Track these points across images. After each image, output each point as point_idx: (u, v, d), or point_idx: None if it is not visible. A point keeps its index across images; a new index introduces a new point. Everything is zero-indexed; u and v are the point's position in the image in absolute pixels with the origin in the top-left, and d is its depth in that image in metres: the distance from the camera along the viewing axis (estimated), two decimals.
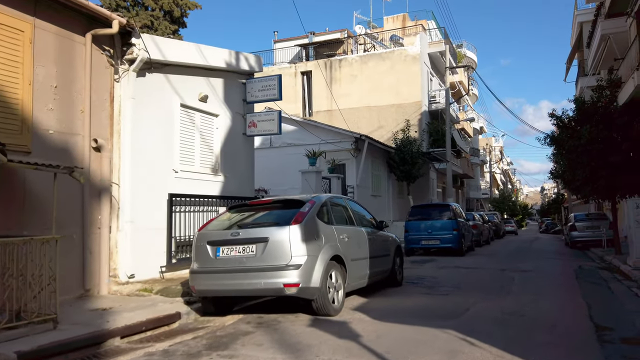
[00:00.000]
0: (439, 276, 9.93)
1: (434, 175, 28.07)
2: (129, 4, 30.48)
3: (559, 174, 16.98)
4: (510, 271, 10.82)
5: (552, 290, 8.25)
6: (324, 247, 5.88)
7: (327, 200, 6.63)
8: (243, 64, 10.70)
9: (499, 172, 67.69)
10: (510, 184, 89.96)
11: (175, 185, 8.75)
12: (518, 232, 46.70)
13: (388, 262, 8.04)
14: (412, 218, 15.52)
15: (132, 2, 30.01)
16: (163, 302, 6.48)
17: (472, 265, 12.04)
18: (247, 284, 5.56)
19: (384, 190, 20.31)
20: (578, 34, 26.98)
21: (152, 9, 30.25)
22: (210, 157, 10.00)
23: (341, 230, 6.45)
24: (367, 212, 8.08)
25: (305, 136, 17.85)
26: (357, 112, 28.16)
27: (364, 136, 17.24)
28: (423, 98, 27.40)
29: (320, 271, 5.66)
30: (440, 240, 14.77)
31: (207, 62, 9.54)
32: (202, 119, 9.77)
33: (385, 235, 8.13)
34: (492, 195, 52.81)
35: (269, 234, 5.63)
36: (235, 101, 10.79)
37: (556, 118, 15.49)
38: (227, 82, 10.50)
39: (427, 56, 28.76)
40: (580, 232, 19.50)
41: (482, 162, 51.50)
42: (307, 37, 32.40)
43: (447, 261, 13.13)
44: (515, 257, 14.72)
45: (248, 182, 11.11)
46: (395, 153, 20.06)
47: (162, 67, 8.64)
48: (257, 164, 18.84)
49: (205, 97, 9.65)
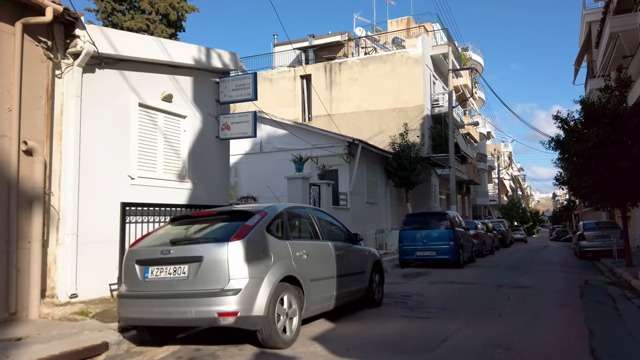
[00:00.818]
0: (427, 293, 8.98)
1: (436, 181, 27.06)
2: (125, 7, 29.94)
3: (564, 180, 15.92)
4: (508, 287, 9.83)
5: (550, 312, 7.27)
6: (273, 266, 4.99)
7: (284, 210, 5.74)
8: (215, 62, 9.88)
9: (508, 178, 66.31)
10: (521, 190, 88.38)
11: (130, 193, 7.92)
12: (528, 239, 45.37)
13: (363, 280, 7.12)
14: (406, 227, 14.56)
15: (128, 5, 29.47)
16: (94, 329, 5.61)
17: (468, 280, 11.06)
18: (175, 312, 4.68)
19: (381, 197, 19.37)
20: (587, 35, 25.92)
21: (148, 12, 29.70)
22: (176, 162, 9.17)
23: (299, 246, 5.55)
24: (338, 224, 7.18)
25: (297, 141, 17.01)
26: (357, 117, 27.32)
27: (357, 140, 16.35)
28: (425, 101, 26.47)
29: (265, 296, 4.76)
30: (437, 251, 13.80)
31: (171, 59, 8.73)
32: (166, 121, 8.95)
33: (360, 250, 7.22)
34: (500, 201, 51.52)
35: (203, 252, 4.75)
36: (207, 102, 9.97)
37: (561, 120, 14.49)
38: (197, 81, 9.68)
39: (429, 58, 27.84)
40: (590, 241, 18.37)
41: (490, 168, 50.31)
42: (307, 40, 31.67)
43: (441, 275, 12.16)
44: (517, 270, 13.70)
45: (222, 189, 10.25)
46: (393, 158, 19.13)
47: (116, 63, 7.85)
48: (247, 170, 18.08)
49: (169, 97, 8.83)
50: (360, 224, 17.06)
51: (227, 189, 10.50)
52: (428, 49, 27.84)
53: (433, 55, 28.16)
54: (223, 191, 10.27)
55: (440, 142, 26.91)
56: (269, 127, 17.88)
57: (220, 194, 10.14)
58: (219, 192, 10.08)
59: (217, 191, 10.01)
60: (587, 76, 27.31)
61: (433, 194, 25.66)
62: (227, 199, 10.44)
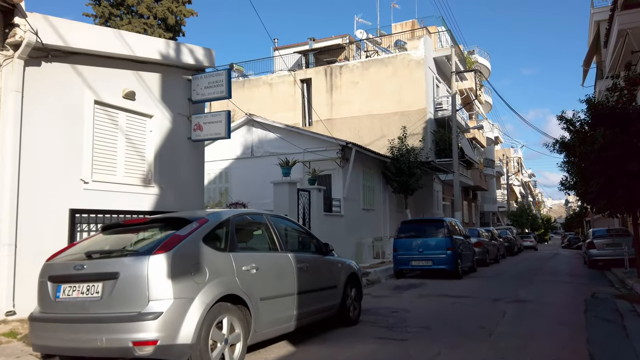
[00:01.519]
0: (414, 309, 8.15)
1: (439, 187, 26.15)
2: (122, 12, 29.53)
3: (570, 185, 15.00)
4: (505, 301, 8.96)
5: (547, 332, 6.41)
6: (208, 284, 4.22)
7: (232, 218, 4.98)
8: (186, 57, 9.19)
9: (518, 184, 65.01)
10: (531, 197, 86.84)
11: (83, 199, 7.22)
12: (538, 247, 44.15)
13: (335, 296, 6.33)
14: (402, 235, 13.72)
15: (126, 10, 29.07)
16: (11, 354, 4.88)
17: (463, 293, 10.19)
18: (85, 339, 3.92)
19: (379, 203, 18.54)
20: (595, 34, 24.97)
21: (146, 17, 29.27)
22: (141, 165, 8.47)
23: (246, 259, 4.78)
24: (305, 233, 6.39)
25: (289, 144, 16.28)
26: (358, 121, 26.60)
27: (350, 143, 15.57)
28: (428, 105, 25.65)
29: (195, 320, 3.99)
30: (433, 260, 12.94)
31: (132, 53, 8.05)
32: (129, 120, 8.26)
33: (330, 262, 6.43)
34: (509, 208, 50.31)
35: (119, 268, 4.00)
36: (179, 100, 9.27)
37: (566, 121, 13.61)
38: (166, 78, 8.99)
39: (432, 61, 27.05)
40: (600, 250, 17.38)
41: (498, 173, 49.19)
42: (307, 43, 31.05)
43: (435, 287, 11.30)
44: (519, 281, 12.79)
45: (195, 194, 9.52)
46: (391, 163, 18.31)
47: (68, 56, 7.18)
48: (238, 175, 17.35)
49: (131, 94, 8.14)
50: (355, 232, 16.26)
51: (201, 194, 9.77)
52: (430, 51, 27.05)
53: (436, 57, 27.37)
54: (196, 197, 9.54)
55: (444, 147, 26.05)
56: (260, 130, 17.18)
57: (193, 199, 9.41)
58: (191, 197, 9.35)
59: (189, 197, 9.28)
60: (596, 77, 26.34)
61: (435, 200, 24.76)
62: (200, 205, 9.71)
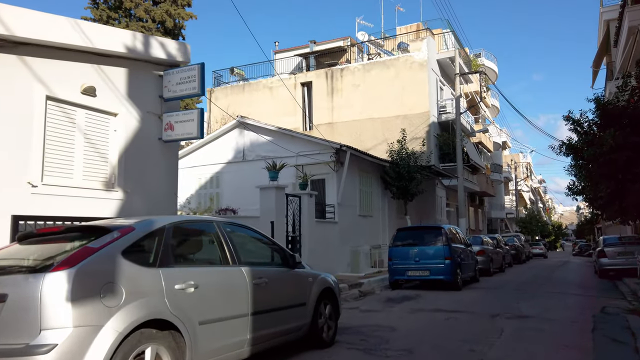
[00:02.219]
0: (401, 327, 7.34)
1: (442, 192, 25.27)
2: (120, 15, 29.15)
3: (578, 190, 14.11)
4: (505, 317, 8.13)
5: (547, 357, 5.59)
6: (124, 307, 3.46)
7: (168, 226, 4.22)
8: (156, 51, 8.50)
9: (527, 190, 63.77)
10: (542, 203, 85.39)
11: (31, 205, 6.52)
12: (548, 255, 42.98)
13: (304, 315, 5.54)
14: (397, 243, 12.91)
15: (124, 13, 28.68)
16: None
17: (460, 307, 9.35)
18: None
19: (377, 209, 17.74)
20: (605, 34, 24.08)
21: (145, 20, 28.85)
22: (103, 167, 7.77)
23: (181, 275, 4.02)
24: (268, 243, 5.61)
25: (282, 148, 15.58)
26: (359, 124, 25.86)
27: (344, 146, 14.80)
28: (431, 108, 24.86)
29: (103, 353, 3.24)
30: (430, 270, 12.11)
31: (92, 45, 7.37)
32: (89, 118, 7.57)
33: (299, 276, 5.65)
34: (518, 214, 49.17)
35: (9, 288, 3.27)
36: (148, 98, 8.58)
37: (573, 122, 12.79)
38: (134, 73, 8.31)
39: (435, 63, 26.27)
40: (611, 258, 16.39)
41: (507, 179, 48.11)
42: (308, 46, 30.41)
43: (431, 299, 10.47)
44: (524, 292, 11.91)
45: (166, 200, 8.80)
46: (390, 167, 17.52)
47: (15, 47, 6.51)
48: (229, 180, 16.64)
49: (91, 90, 7.46)
50: (350, 240, 15.47)
51: (173, 200, 9.05)
52: (434, 52, 26.27)
53: (440, 59, 26.59)
54: (168, 202, 8.82)
55: (447, 151, 25.21)
56: (252, 133, 16.49)
57: (165, 205, 8.68)
58: (162, 203, 8.63)
59: (159, 202, 8.56)
60: (606, 79, 25.40)
61: (438, 206, 23.88)
62: (173, 211, 8.98)
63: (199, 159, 17.74)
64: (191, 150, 18.04)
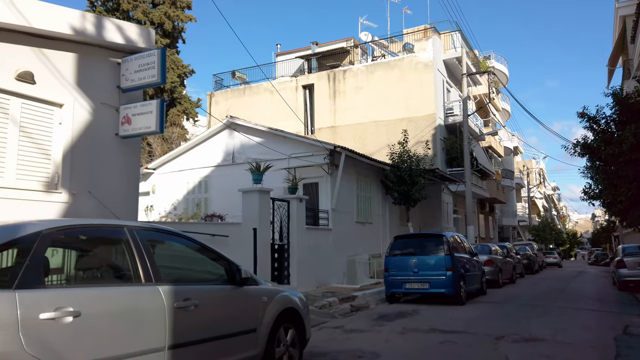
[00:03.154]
0: (385, 353, 6.20)
1: (449, 198, 24.03)
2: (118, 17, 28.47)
3: (595, 194, 12.86)
4: (510, 340, 6.95)
5: None
6: None
7: (45, 233, 3.14)
8: (112, 35, 7.52)
9: (540, 197, 62.03)
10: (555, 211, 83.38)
11: None
12: (562, 264, 41.39)
13: (253, 344, 4.44)
14: (395, 252, 11.77)
15: (121, 16, 28.02)
16: None
17: (459, 326, 8.18)
18: None
19: (377, 216, 16.59)
20: (621, 31, 22.78)
21: (143, 22, 28.15)
22: (44, 165, 6.77)
23: (52, 300, 2.95)
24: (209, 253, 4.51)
25: (273, 150, 14.56)
26: (362, 128, 24.81)
27: (339, 147, 13.72)
28: (437, 110, 23.72)
29: None
30: (430, 283, 10.94)
31: (28, 24, 6.41)
32: (26, 109, 6.58)
33: (247, 295, 4.55)
34: (531, 222, 47.58)
35: None
36: (104, 88, 7.60)
37: (588, 119, 11.59)
38: (86, 59, 7.33)
39: (442, 63, 25.16)
40: (631, 269, 15.06)
41: (519, 185, 46.60)
42: (310, 48, 29.47)
43: (429, 316, 9.30)
44: (534, 308, 10.69)
45: (125, 203, 7.77)
46: (391, 170, 16.40)
47: None
48: (218, 185, 15.61)
49: (28, 75, 6.48)
50: (346, 248, 14.35)
51: (134, 203, 8.03)
52: (440, 53, 25.17)
53: (446, 59, 25.48)
54: (127, 206, 7.79)
55: (455, 155, 24.02)
56: (242, 135, 15.48)
57: (122, 208, 7.65)
58: (119, 206, 7.60)
59: (115, 205, 7.53)
60: (622, 77, 24.07)
61: (444, 212, 22.63)
62: (133, 216, 7.96)
63: (187, 163, 16.78)
64: (179, 153, 17.11)
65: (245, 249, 10.78)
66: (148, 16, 28.35)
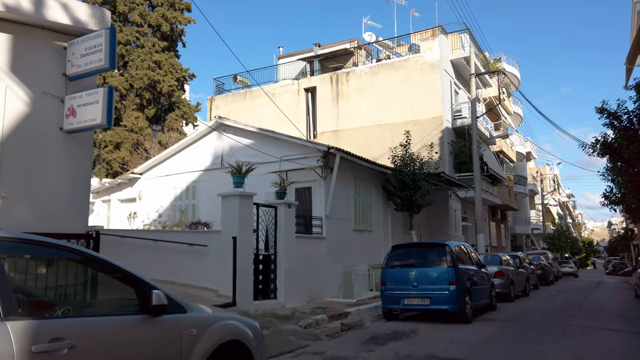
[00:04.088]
0: None
1: (457, 205, 22.75)
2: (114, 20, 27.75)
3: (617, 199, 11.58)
4: None
5: None
6: None
7: None
8: (55, 14, 6.53)
9: (554, 204, 60.23)
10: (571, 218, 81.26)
11: None
12: (579, 273, 39.74)
13: None
14: (392, 264, 10.59)
15: (118, 18, 27.29)
16: None
17: (462, 353, 6.98)
18: None
19: (377, 223, 15.40)
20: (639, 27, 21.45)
21: (139, 24, 27.41)
22: None
23: None
24: (110, 271, 3.37)
25: (264, 152, 13.51)
26: (366, 131, 23.72)
27: (333, 149, 12.61)
28: (445, 112, 22.55)
29: None
30: (431, 298, 9.73)
31: None
32: None
33: (161, 328, 3.40)
34: (545, 230, 45.92)
35: None
36: (47, 75, 6.62)
37: (609, 115, 10.37)
38: (21, 41, 6.35)
39: (449, 63, 24.00)
40: None
41: (532, 192, 45.02)
42: (312, 50, 28.51)
43: (427, 338, 8.10)
44: (551, 328, 9.43)
45: (72, 207, 6.73)
46: (392, 174, 15.24)
47: None
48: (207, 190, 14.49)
49: None
50: (343, 258, 13.19)
51: (84, 206, 6.98)
52: (447, 52, 24.02)
53: (454, 59, 24.32)
54: (73, 211, 6.75)
55: (464, 160, 22.77)
56: (232, 136, 14.44)
57: (68, 214, 6.62)
58: (64, 212, 6.58)
59: (59, 210, 6.51)
60: None
61: (452, 220, 21.35)
62: (83, 221, 6.90)
63: (174, 167, 15.78)
64: (166, 157, 16.12)
65: (225, 259, 9.72)
66: (145, 18, 27.60)
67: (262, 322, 8.59)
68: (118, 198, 17.05)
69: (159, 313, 3.35)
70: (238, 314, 9.37)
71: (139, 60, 25.69)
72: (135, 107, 25.84)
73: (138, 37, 27.07)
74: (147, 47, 26.95)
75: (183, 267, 11.00)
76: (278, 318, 9.11)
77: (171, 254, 11.37)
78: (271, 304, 10.31)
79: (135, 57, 25.73)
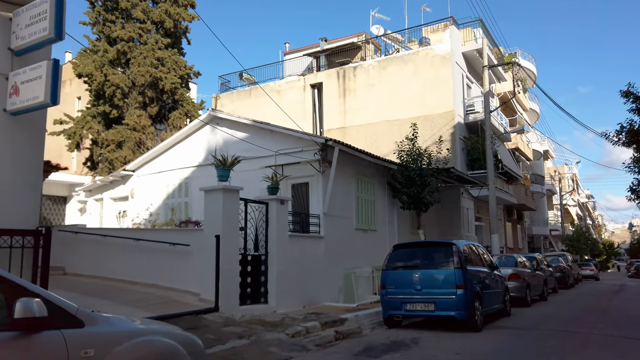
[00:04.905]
0: None
1: (470, 204, 21.63)
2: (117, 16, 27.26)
3: None
4: None
5: None
6: None
7: None
8: None
9: (574, 205, 58.41)
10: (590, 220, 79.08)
11: None
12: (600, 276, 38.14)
13: None
14: (394, 265, 9.65)
15: (120, 14, 26.75)
16: None
17: None
18: None
19: (382, 222, 14.40)
20: None
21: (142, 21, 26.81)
22: None
23: None
24: None
25: (259, 146, 12.65)
26: (374, 128, 22.78)
27: (331, 141, 11.67)
28: (457, 107, 21.51)
29: None
30: (436, 304, 8.73)
31: None
32: None
33: (42, 348, 2.53)
34: (564, 231, 44.34)
35: None
36: None
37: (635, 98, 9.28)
38: None
39: (460, 56, 22.95)
40: None
41: (550, 192, 43.51)
42: (319, 45, 27.64)
43: (430, 349, 7.11)
44: (571, 337, 8.37)
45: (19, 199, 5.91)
46: (398, 170, 14.25)
47: None
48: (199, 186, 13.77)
49: None
50: (343, 260, 12.23)
51: (34, 199, 6.16)
52: (458, 44, 22.98)
53: (466, 52, 23.25)
54: (24, 202, 5.93)
55: (477, 157, 21.67)
56: (225, 129, 13.59)
57: (15, 207, 5.80)
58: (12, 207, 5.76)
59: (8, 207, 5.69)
60: None
61: (464, 219, 20.22)
62: (33, 221, 6.07)
63: (167, 163, 14.98)
64: (158, 153, 15.33)
65: (208, 260, 8.87)
66: (148, 15, 27.00)
67: (244, 330, 7.70)
68: (111, 196, 16.33)
69: (31, 328, 2.46)
70: (221, 319, 8.52)
71: (141, 57, 25.10)
72: (138, 105, 25.22)
73: (141, 33, 26.46)
74: (150, 44, 26.35)
75: (167, 269, 10.18)
76: (264, 325, 8.21)
77: (157, 255, 10.56)
78: (261, 309, 9.41)
79: (137, 54, 25.15)
